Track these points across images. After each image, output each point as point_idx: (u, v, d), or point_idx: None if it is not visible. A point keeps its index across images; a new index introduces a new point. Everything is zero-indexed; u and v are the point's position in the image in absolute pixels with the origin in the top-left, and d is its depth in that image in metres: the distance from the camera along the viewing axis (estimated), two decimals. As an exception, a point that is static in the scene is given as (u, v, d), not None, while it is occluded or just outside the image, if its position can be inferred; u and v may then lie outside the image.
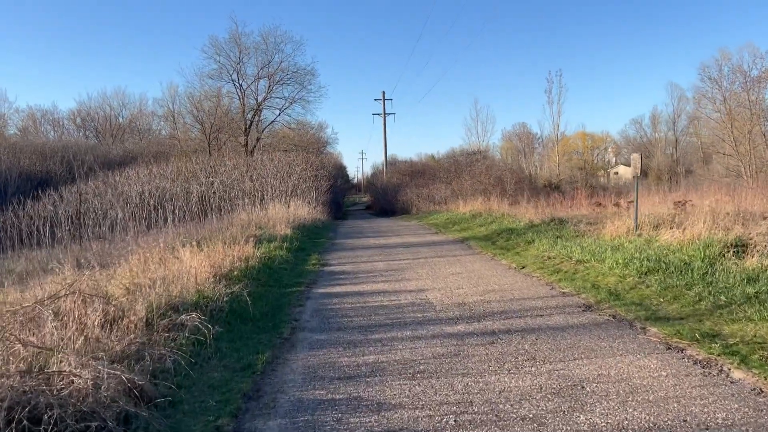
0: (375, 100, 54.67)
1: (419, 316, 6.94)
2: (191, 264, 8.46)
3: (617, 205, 18.66)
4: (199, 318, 5.92)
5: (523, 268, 9.91)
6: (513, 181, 32.43)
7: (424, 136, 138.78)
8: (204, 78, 41.19)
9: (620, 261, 8.52)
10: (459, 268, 10.50)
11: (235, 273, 9.22)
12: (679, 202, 12.89)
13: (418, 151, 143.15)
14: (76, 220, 19.88)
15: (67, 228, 17.96)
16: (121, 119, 59.27)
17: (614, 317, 6.34)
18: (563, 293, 7.73)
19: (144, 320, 5.85)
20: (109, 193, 22.40)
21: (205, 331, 5.74)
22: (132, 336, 5.20)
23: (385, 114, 54.02)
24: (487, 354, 5.30)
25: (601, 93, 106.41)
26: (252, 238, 12.78)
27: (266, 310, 7.65)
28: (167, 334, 5.65)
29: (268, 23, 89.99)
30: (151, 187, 26.23)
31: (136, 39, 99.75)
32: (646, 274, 7.79)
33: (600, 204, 18.78)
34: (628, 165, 72.25)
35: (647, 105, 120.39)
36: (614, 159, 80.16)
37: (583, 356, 5.06)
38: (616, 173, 72.16)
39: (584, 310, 6.75)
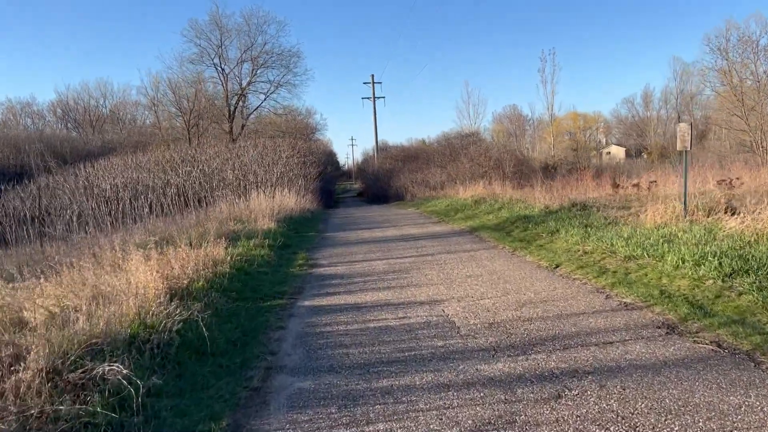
0: (364, 83, 52.70)
1: (440, 345, 5.09)
2: (139, 277, 6.57)
3: (636, 186, 16.91)
4: (125, 370, 4.04)
5: (557, 267, 8.06)
6: (512, 164, 30.68)
7: (414, 122, 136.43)
8: (184, 63, 39.04)
9: (688, 258, 6.68)
10: (476, 267, 8.65)
11: (200, 284, 7.32)
12: (725, 180, 11.10)
13: (409, 136, 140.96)
14: (42, 216, 17.96)
15: (31, 226, 16.02)
16: (104, 110, 56.98)
17: (719, 346, 4.51)
18: (625, 305, 5.89)
19: (44, 374, 3.98)
20: (72, 185, 20.34)
21: (132, 389, 3.89)
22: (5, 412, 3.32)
23: (374, 98, 52.01)
24: (557, 420, 3.46)
25: (591, 73, 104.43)
26: (225, 237, 10.87)
27: (235, 336, 5.79)
28: (73, 399, 3.78)
29: (250, 4, 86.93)
30: (125, 179, 24.23)
31: (119, 28, 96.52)
32: (730, 276, 5.97)
33: (618, 185, 17.00)
34: (621, 145, 70.87)
35: (639, 84, 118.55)
36: (604, 139, 78.70)
37: (715, 426, 3.23)
38: (608, 153, 70.81)
39: (668, 333, 4.91)
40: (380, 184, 42.79)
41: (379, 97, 52.71)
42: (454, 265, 8.94)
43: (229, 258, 9.06)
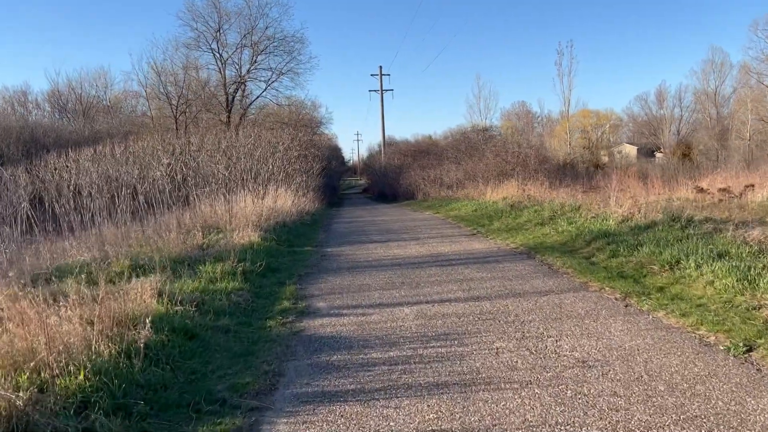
0: (372, 75, 49.67)
1: None
2: None
3: (725, 191, 13.34)
4: None
5: (748, 349, 4.43)
6: (536, 161, 27.15)
7: (420, 118, 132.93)
8: (179, 47, 35.48)
9: None
10: (582, 337, 5.02)
11: (76, 382, 3.77)
12: None
13: (415, 131, 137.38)
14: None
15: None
16: (103, 101, 53.61)
17: None
18: None
19: None
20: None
21: None
22: None
23: (382, 90, 48.83)
24: None
25: (601, 70, 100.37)
26: (180, 262, 7.30)
27: None
28: None
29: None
30: (97, 174, 20.69)
31: (119, 14, 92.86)
32: None
33: (702, 190, 13.42)
34: (632, 143, 66.98)
35: (653, 81, 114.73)
36: (610, 137, 75.64)
37: None
38: (620, 152, 67.47)
39: None
40: (388, 180, 39.55)
41: (387, 90, 49.54)
42: (539, 330, 5.31)
43: (163, 309, 5.49)
